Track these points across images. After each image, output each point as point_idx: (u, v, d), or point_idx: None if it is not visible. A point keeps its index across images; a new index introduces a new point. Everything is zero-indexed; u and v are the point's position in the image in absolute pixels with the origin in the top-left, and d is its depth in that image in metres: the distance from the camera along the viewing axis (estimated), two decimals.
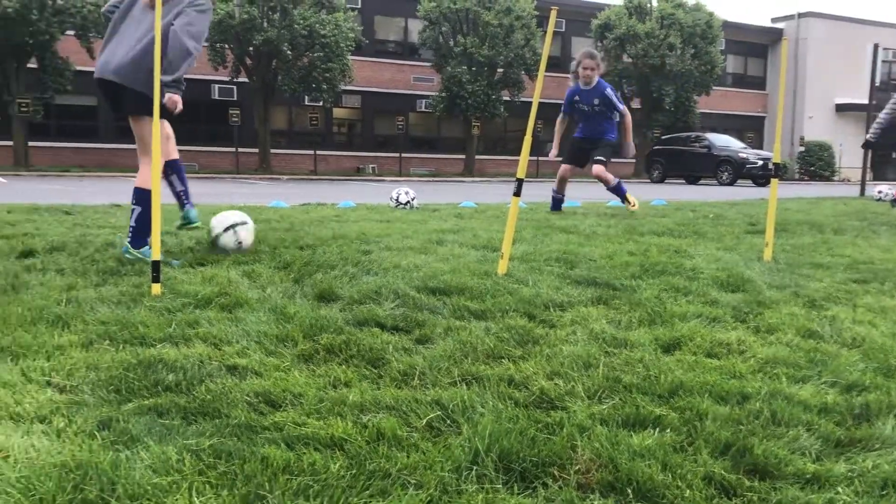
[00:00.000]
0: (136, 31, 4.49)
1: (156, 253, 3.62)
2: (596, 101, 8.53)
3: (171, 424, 2.02)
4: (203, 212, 7.58)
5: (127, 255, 4.47)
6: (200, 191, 14.00)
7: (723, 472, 1.83)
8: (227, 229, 4.72)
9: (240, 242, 4.54)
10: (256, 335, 2.87)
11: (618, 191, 8.93)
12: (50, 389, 2.29)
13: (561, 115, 8.84)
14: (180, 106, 4.39)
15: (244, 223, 4.80)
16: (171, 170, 4.91)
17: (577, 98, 8.66)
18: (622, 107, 8.64)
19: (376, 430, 2.00)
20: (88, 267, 4.19)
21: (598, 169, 8.61)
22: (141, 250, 4.46)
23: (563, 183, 9.09)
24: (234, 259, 4.49)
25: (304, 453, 1.85)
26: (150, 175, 4.25)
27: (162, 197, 3.88)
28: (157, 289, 3.56)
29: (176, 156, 4.94)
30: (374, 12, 32.67)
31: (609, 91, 8.57)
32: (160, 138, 3.81)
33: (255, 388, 2.30)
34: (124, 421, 2.03)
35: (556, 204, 9.01)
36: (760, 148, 35.31)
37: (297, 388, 2.30)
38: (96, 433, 1.96)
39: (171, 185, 4.99)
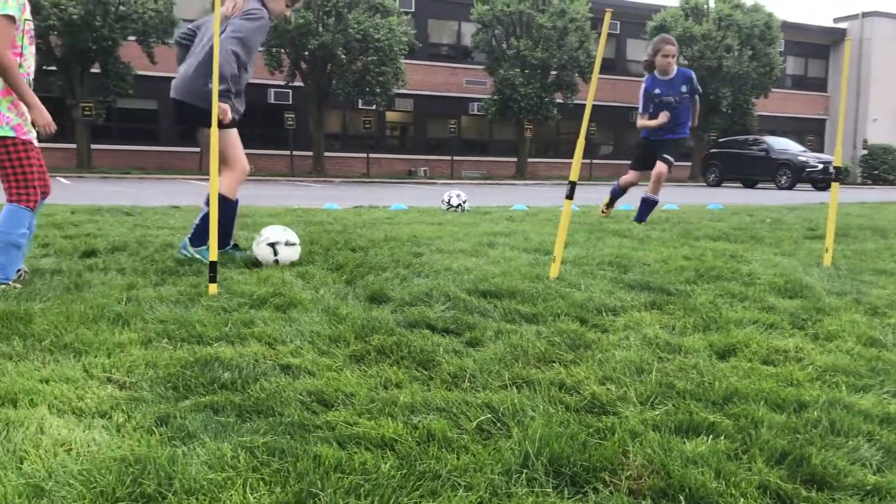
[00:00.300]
0: (196, 49, 4.64)
1: (213, 254, 3.69)
2: (684, 90, 7.68)
3: (226, 421, 2.06)
4: (260, 213, 7.71)
5: (183, 253, 4.57)
6: (257, 193, 14.23)
7: (778, 481, 1.79)
8: (270, 244, 4.55)
9: (276, 260, 4.52)
10: (310, 335, 2.91)
11: (644, 204, 8.05)
12: (110, 386, 2.35)
13: (645, 115, 7.84)
14: (228, 116, 4.33)
15: (292, 245, 4.60)
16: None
17: (657, 91, 7.71)
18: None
19: (426, 431, 2.01)
20: (148, 267, 4.30)
21: (663, 169, 7.77)
22: (199, 249, 4.53)
23: (626, 189, 8.40)
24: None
25: (356, 452, 1.87)
26: (231, 183, 4.61)
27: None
28: (213, 289, 3.64)
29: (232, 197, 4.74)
30: (427, 16, 32.79)
31: (692, 73, 7.79)
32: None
33: (308, 387, 2.33)
34: (181, 417, 2.07)
35: (632, 204, 8.39)
36: (821, 151, 34.46)
37: (349, 388, 2.33)
38: (154, 429, 2.01)
39: (203, 213, 4.63)
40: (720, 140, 30.35)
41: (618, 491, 1.75)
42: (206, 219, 4.42)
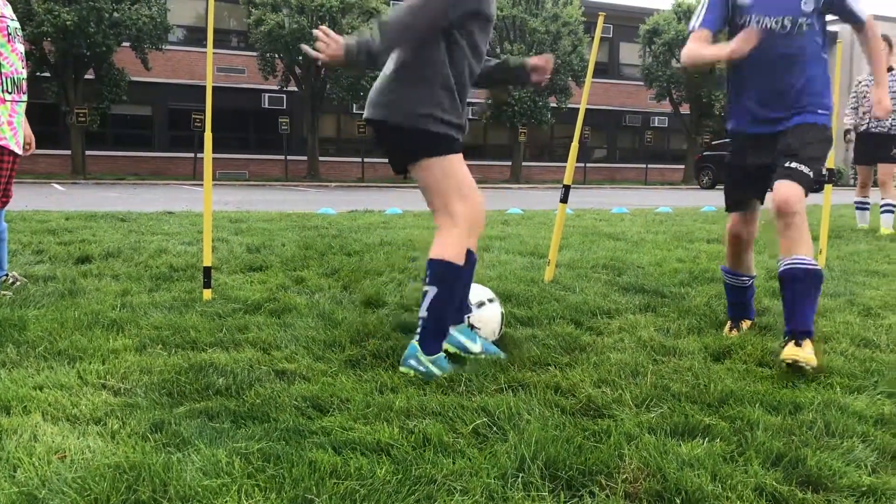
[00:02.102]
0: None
1: (207, 258, 3.69)
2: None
3: (221, 428, 2.06)
4: (254, 217, 7.70)
5: (410, 366, 2.63)
6: (251, 198, 14.23)
7: (774, 483, 1.79)
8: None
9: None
10: (305, 340, 2.90)
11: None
12: (105, 392, 2.34)
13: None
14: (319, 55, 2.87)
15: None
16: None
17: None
18: None
19: (422, 436, 2.00)
20: (142, 273, 4.29)
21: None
22: (433, 359, 2.62)
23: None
24: (282, 265, 4.55)
25: (351, 458, 1.86)
26: (456, 245, 2.83)
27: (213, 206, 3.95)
28: (208, 294, 3.63)
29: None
30: None
31: None
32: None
33: (304, 392, 2.33)
34: (176, 424, 2.07)
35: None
36: None
37: (345, 393, 2.33)
38: (149, 435, 2.00)
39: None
40: (714, 143, 30.42)
41: (614, 494, 1.75)
42: (435, 305, 2.68)
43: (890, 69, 7.38)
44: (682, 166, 33.99)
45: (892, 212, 7.44)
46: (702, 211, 10.84)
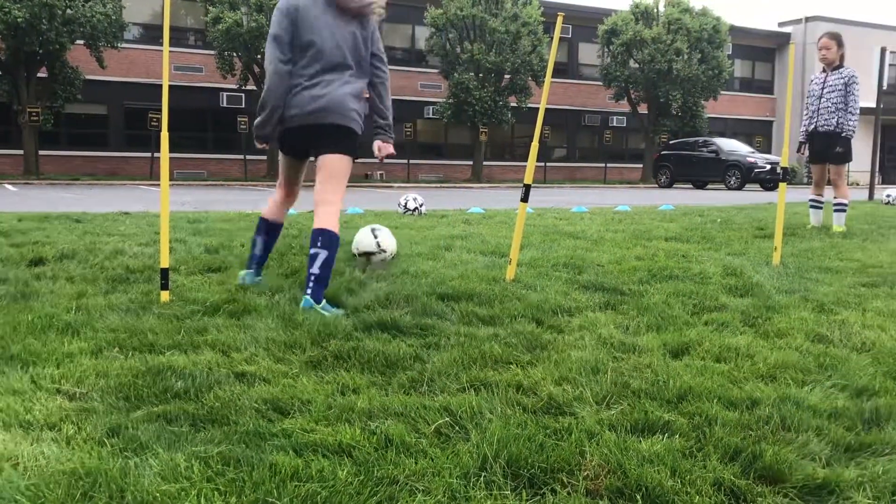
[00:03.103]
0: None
1: (164, 260, 3.63)
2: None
3: (179, 431, 2.03)
4: (213, 218, 7.60)
5: (308, 308, 3.42)
6: (210, 198, 14.05)
7: (732, 477, 1.82)
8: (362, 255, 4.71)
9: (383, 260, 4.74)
10: (265, 342, 2.88)
11: None
12: (59, 397, 2.30)
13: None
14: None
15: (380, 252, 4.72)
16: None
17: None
18: None
19: (384, 437, 2.00)
20: (98, 274, 4.21)
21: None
22: (323, 305, 3.46)
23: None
24: (242, 266, 4.51)
25: (313, 460, 1.85)
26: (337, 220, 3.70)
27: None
28: (165, 296, 3.58)
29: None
30: (381, 19, 32.73)
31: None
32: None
33: (264, 394, 2.31)
34: (133, 428, 2.03)
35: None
36: (769, 152, 35.20)
37: (306, 395, 2.31)
38: (105, 440, 1.96)
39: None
40: (671, 142, 30.83)
41: (575, 491, 1.76)
42: (325, 264, 3.54)
43: (836, 67, 7.53)
44: (641, 165, 34.39)
45: (844, 210, 7.60)
46: (660, 209, 10.98)
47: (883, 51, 17.09)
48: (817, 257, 5.41)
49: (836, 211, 7.59)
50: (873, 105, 17.84)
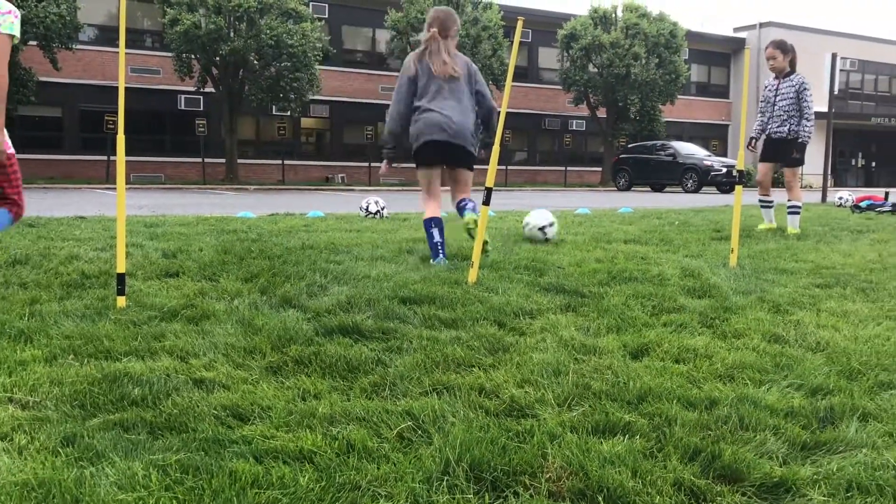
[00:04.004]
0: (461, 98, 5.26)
1: (121, 265, 3.57)
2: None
3: (136, 439, 1.99)
4: (170, 222, 7.48)
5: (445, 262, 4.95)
6: (167, 202, 13.86)
7: (692, 477, 1.84)
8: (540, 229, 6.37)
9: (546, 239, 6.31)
10: (224, 347, 2.84)
11: None
12: (12, 406, 2.24)
13: None
14: None
15: (552, 224, 6.43)
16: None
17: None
18: None
19: (346, 442, 1.98)
20: (52, 280, 4.12)
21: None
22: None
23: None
24: (200, 270, 4.45)
25: (273, 467, 1.83)
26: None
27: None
28: (122, 301, 3.52)
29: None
30: (341, 22, 32.63)
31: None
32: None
33: (223, 401, 2.28)
34: (89, 437, 1.99)
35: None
36: (725, 155, 35.80)
37: (266, 401, 2.28)
38: (60, 450, 1.92)
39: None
40: (629, 146, 31.20)
41: (538, 494, 1.76)
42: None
43: (787, 74, 7.65)
44: (600, 169, 34.75)
45: (798, 213, 7.76)
46: (619, 212, 11.10)
47: (834, 57, 17.49)
48: (773, 259, 5.51)
49: (790, 213, 7.74)
50: (825, 109, 18.24)
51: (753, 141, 7.98)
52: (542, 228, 6.35)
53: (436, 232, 5.10)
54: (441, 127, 5.10)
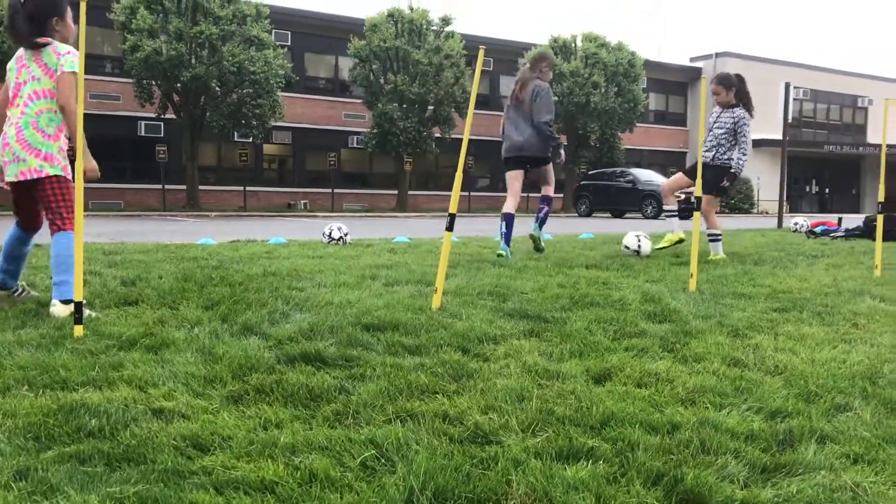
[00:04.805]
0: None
1: (78, 293, 3.50)
2: None
3: (93, 472, 1.95)
4: (129, 249, 7.37)
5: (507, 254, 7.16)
6: (127, 229, 13.67)
7: (655, 501, 1.85)
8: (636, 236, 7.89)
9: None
10: (184, 377, 2.79)
11: None
12: None
13: None
14: None
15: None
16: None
17: None
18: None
19: (308, 472, 1.96)
20: (6, 309, 4.03)
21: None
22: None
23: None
24: (159, 298, 4.39)
25: (234, 498, 1.80)
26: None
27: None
28: (79, 330, 3.45)
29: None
30: (304, 49, 32.68)
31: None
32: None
33: (183, 431, 2.24)
34: (43, 470, 1.94)
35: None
36: None
37: (227, 431, 2.25)
38: (13, 484, 1.87)
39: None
40: (590, 172, 31.58)
41: None
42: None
43: (731, 106, 7.72)
44: (561, 195, 35.05)
45: (718, 240, 7.78)
46: (580, 238, 11.20)
47: (787, 86, 17.94)
48: (731, 283, 5.59)
49: (710, 241, 7.77)
50: (780, 137, 18.66)
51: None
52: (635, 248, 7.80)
53: (503, 225, 7.49)
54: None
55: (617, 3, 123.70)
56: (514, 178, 7.70)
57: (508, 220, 7.45)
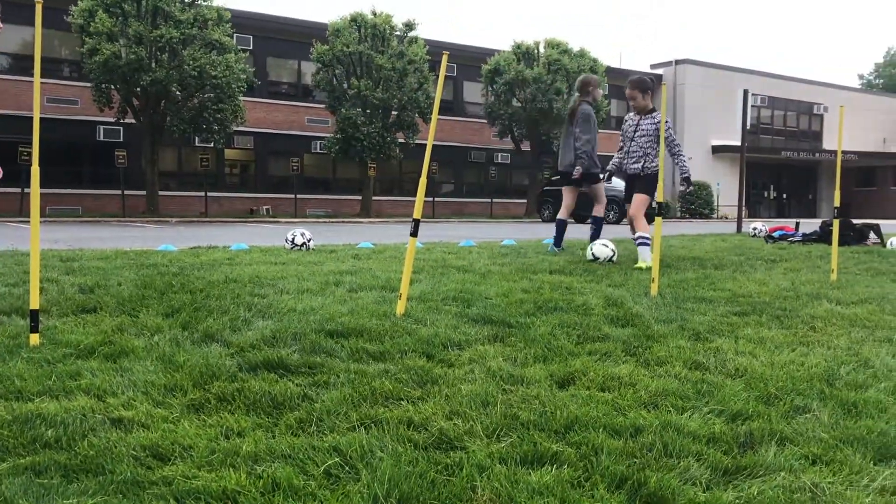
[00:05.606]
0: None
1: (34, 301, 3.43)
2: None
3: (49, 484, 1.90)
4: (87, 256, 7.25)
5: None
6: (86, 235, 13.42)
7: None
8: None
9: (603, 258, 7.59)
10: (143, 385, 2.75)
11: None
12: None
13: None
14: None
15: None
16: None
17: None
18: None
19: (271, 481, 1.94)
20: None
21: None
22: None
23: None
24: (118, 306, 4.31)
25: None
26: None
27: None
28: (35, 339, 3.37)
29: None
30: (266, 54, 32.45)
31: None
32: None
33: (142, 441, 2.20)
34: None
35: None
36: None
37: (187, 440, 2.21)
38: None
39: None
40: (553, 178, 31.78)
41: None
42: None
43: (649, 112, 7.72)
44: (525, 200, 35.26)
45: (647, 244, 7.35)
46: (544, 243, 11.26)
47: (746, 93, 18.25)
48: (692, 288, 5.66)
49: (639, 246, 7.55)
50: (739, 143, 18.95)
51: (608, 174, 8.31)
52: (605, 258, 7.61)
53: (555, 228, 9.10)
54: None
55: (611, 6, 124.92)
56: (566, 192, 9.15)
57: (558, 224, 9.15)
